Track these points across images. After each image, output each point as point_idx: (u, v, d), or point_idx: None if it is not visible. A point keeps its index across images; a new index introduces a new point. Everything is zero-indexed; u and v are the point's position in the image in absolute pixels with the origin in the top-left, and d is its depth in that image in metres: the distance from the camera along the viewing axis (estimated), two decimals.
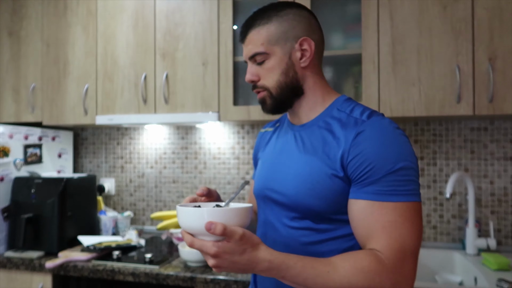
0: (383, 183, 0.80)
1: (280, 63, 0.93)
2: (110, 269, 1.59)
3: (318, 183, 0.86)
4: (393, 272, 0.76)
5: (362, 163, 0.81)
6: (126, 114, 1.93)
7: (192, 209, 0.79)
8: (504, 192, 1.80)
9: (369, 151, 0.81)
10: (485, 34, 1.53)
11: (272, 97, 0.95)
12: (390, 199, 0.79)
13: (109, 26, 1.98)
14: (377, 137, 0.82)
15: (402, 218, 0.78)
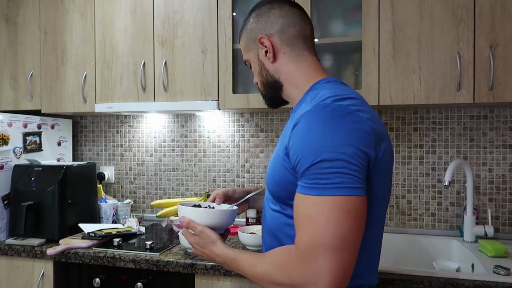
0: (308, 176, 0.78)
1: (255, 66, 1.02)
2: (110, 256, 1.60)
3: (276, 171, 0.90)
4: (301, 267, 0.76)
5: (293, 155, 0.82)
6: (125, 102, 1.93)
7: (180, 207, 1.03)
8: (503, 179, 1.81)
9: (297, 143, 0.81)
10: (486, 21, 1.52)
11: (263, 95, 1.06)
12: (311, 192, 0.77)
13: (107, 13, 1.96)
14: (306, 129, 0.80)
15: (318, 214, 0.75)
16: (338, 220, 0.74)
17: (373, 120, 0.83)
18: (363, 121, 0.79)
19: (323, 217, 0.74)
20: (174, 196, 2.25)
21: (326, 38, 1.73)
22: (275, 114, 2.08)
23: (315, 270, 0.74)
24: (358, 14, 1.68)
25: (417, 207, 1.90)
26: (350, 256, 0.75)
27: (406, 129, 1.91)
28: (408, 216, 1.91)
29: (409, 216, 1.91)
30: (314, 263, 0.74)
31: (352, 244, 0.75)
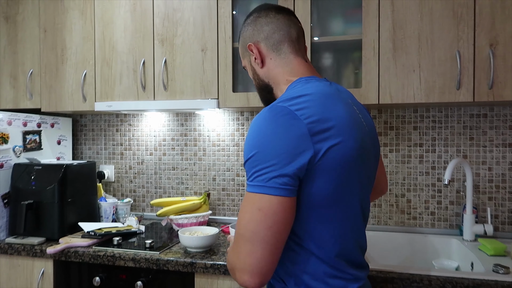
0: (247, 174, 0.85)
1: (250, 71, 1.10)
2: (110, 254, 1.60)
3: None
4: (231, 252, 0.88)
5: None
6: (125, 101, 1.93)
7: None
8: (502, 178, 1.81)
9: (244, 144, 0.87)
10: (486, 19, 1.51)
11: (260, 97, 1.12)
12: (248, 189, 0.84)
13: (107, 11, 1.96)
14: (249, 128, 0.87)
15: (242, 207, 0.85)
16: (251, 215, 0.82)
17: (321, 118, 0.83)
18: (299, 122, 0.81)
19: (243, 211, 0.84)
20: (174, 195, 2.25)
21: (326, 37, 1.73)
22: None
23: (235, 255, 0.85)
24: (358, 13, 1.68)
25: (416, 206, 1.90)
26: (262, 249, 0.81)
27: (406, 128, 1.91)
28: (407, 215, 1.91)
29: (408, 215, 1.91)
30: (235, 249, 0.85)
31: (262, 239, 0.81)
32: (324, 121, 0.83)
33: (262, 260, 0.81)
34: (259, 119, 0.84)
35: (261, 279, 0.82)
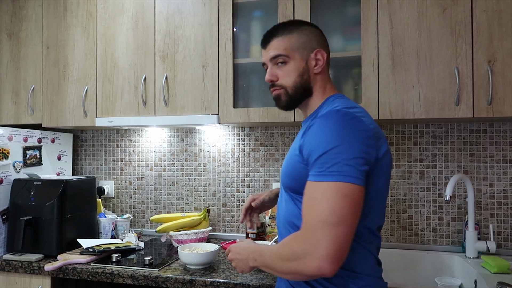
0: (317, 165, 0.92)
1: (298, 67, 1.12)
2: (109, 272, 1.58)
3: (291, 166, 1.05)
4: (303, 241, 0.88)
5: (306, 149, 0.97)
6: (126, 116, 1.93)
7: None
8: (504, 194, 1.80)
9: (311, 139, 0.97)
10: (484, 36, 1.53)
11: (288, 95, 1.13)
12: (319, 179, 0.91)
13: (109, 28, 1.98)
14: (318, 128, 0.96)
15: (320, 196, 0.89)
16: (336, 201, 0.87)
17: (375, 126, 1.00)
18: (366, 126, 0.96)
19: (324, 198, 0.88)
20: (174, 211, 2.23)
21: None
22: (275, 128, 2.08)
23: (314, 243, 0.86)
24: (357, 30, 1.70)
25: (418, 222, 1.89)
26: (345, 234, 0.86)
27: (406, 143, 1.91)
28: (409, 232, 1.90)
29: (410, 232, 1.90)
30: (313, 237, 0.86)
31: (347, 224, 0.86)
32: (377, 131, 1.00)
33: (345, 246, 0.86)
34: (333, 119, 0.95)
35: (338, 265, 0.86)
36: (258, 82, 1.90)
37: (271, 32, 1.17)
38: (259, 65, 1.87)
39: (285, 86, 1.13)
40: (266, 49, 1.16)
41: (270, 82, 1.16)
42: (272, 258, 0.97)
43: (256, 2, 1.85)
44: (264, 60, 1.17)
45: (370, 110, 1.62)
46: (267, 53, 1.15)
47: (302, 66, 1.12)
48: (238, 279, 1.47)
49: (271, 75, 1.14)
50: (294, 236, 0.93)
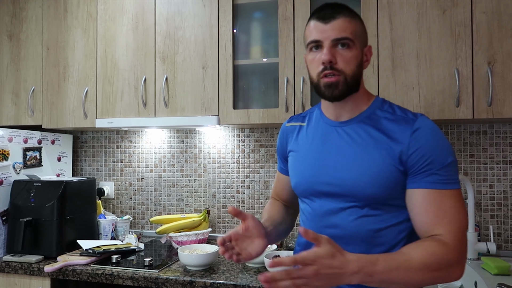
0: (441, 174, 0.93)
1: (358, 56, 1.02)
2: (109, 273, 1.58)
3: (378, 174, 0.97)
4: (456, 250, 0.89)
5: (422, 156, 0.94)
6: (126, 118, 1.93)
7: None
8: (504, 196, 1.80)
9: (427, 146, 0.94)
10: (484, 38, 1.53)
11: (346, 83, 1.00)
12: (447, 187, 0.93)
13: (109, 29, 1.99)
14: (432, 134, 0.96)
15: (458, 203, 0.93)
16: (464, 208, 0.94)
17: None
18: None
19: (461, 205, 0.93)
20: (174, 212, 2.23)
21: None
22: (275, 129, 2.08)
23: (463, 250, 0.91)
24: None
25: None
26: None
27: None
28: None
29: None
30: (461, 246, 0.90)
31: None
32: None
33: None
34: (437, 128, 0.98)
35: None
36: (258, 83, 1.90)
37: (336, 8, 1.01)
38: (259, 66, 1.87)
39: (346, 73, 0.99)
40: (328, 24, 0.99)
41: (329, 64, 0.98)
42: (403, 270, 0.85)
43: (256, 3, 1.85)
44: (322, 38, 0.99)
45: None
46: (329, 31, 0.99)
47: (360, 56, 1.02)
48: (238, 280, 1.47)
49: (332, 55, 0.98)
50: (442, 247, 0.88)
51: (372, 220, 0.99)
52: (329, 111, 1.09)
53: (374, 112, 1.04)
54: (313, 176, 1.06)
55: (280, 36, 1.74)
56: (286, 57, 1.73)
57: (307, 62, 1.06)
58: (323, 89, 1.01)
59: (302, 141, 1.13)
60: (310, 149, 1.09)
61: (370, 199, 0.98)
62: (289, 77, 1.72)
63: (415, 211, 0.95)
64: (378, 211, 0.98)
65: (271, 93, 1.85)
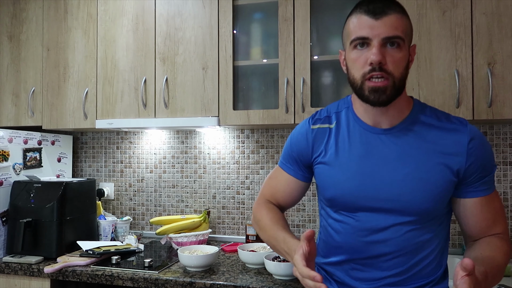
0: (489, 180, 0.99)
1: (407, 56, 0.94)
2: (109, 274, 1.58)
3: (436, 188, 0.95)
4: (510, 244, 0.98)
5: (479, 167, 0.96)
6: (126, 118, 1.93)
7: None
8: (504, 197, 1.80)
9: (483, 156, 0.97)
10: (484, 39, 1.53)
11: (395, 87, 0.92)
12: (494, 190, 1.00)
13: (109, 30, 1.99)
14: (485, 144, 0.99)
15: (500, 200, 1.01)
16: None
17: None
18: None
19: (501, 201, 1.02)
20: (174, 213, 2.23)
21: (326, 55, 1.75)
22: (275, 130, 2.08)
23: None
24: None
25: None
26: None
27: None
28: None
29: None
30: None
31: None
32: None
33: None
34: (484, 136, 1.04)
35: None
36: (258, 84, 1.90)
37: (387, 2, 0.92)
38: (259, 67, 1.87)
39: (395, 76, 0.90)
40: (379, 20, 0.89)
41: (378, 65, 0.89)
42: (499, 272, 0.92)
43: (256, 4, 1.85)
44: (371, 35, 0.89)
45: None
46: (381, 28, 0.89)
47: (407, 57, 0.94)
48: (238, 281, 1.47)
49: (382, 55, 0.89)
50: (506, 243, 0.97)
51: (420, 233, 0.98)
52: (367, 116, 0.99)
53: (417, 117, 0.98)
54: (358, 189, 0.98)
55: (280, 37, 1.74)
56: (286, 58, 1.73)
57: (347, 60, 0.96)
58: (368, 93, 0.91)
59: (337, 149, 1.02)
60: (349, 158, 0.99)
61: (425, 214, 0.96)
62: (289, 78, 1.72)
63: (473, 219, 1.00)
64: (426, 223, 0.98)
65: (271, 94, 1.86)
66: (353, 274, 1.02)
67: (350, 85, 0.97)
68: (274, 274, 1.51)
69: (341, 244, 1.03)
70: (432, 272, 1.02)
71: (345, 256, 1.02)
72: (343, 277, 1.04)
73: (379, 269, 0.99)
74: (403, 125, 0.98)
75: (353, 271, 1.02)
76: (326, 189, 1.04)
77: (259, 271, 1.61)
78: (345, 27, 0.97)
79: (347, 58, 0.97)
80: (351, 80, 0.96)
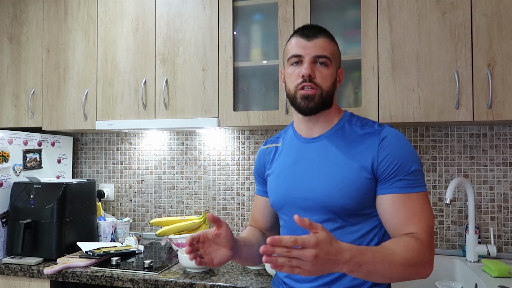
0: (407, 179, 0.99)
1: (333, 74, 1.10)
2: (108, 275, 1.58)
3: (349, 185, 1.02)
4: (429, 247, 0.95)
5: (391, 163, 1.00)
6: (126, 120, 1.93)
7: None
8: (504, 198, 1.79)
9: (394, 153, 1.01)
10: (483, 40, 1.53)
11: (322, 97, 1.07)
12: (414, 190, 0.99)
13: (109, 31, 1.99)
14: (399, 142, 1.02)
15: (425, 204, 0.99)
16: (431, 208, 1.01)
17: None
18: None
19: (428, 206, 0.99)
20: (174, 214, 2.23)
21: None
22: (275, 131, 2.08)
23: (433, 247, 0.97)
24: (357, 33, 1.70)
25: None
26: None
27: None
28: None
29: None
30: (432, 241, 0.97)
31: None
32: None
33: None
34: (402, 135, 1.05)
35: None
36: (258, 85, 1.90)
37: (318, 28, 1.11)
38: (259, 69, 1.87)
39: (323, 89, 1.07)
40: (310, 42, 1.07)
41: (308, 78, 1.05)
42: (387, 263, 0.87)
43: (256, 6, 1.85)
44: (303, 53, 1.07)
45: (370, 114, 1.62)
46: (311, 48, 1.07)
47: (335, 75, 1.11)
48: (238, 282, 1.47)
49: (312, 70, 1.06)
50: (419, 241, 0.94)
51: (346, 232, 1.04)
52: (301, 128, 1.15)
53: (343, 126, 1.11)
54: (288, 192, 1.11)
55: (280, 38, 1.74)
56: None
57: (285, 75, 1.13)
58: (299, 100, 1.07)
59: (278, 161, 1.18)
60: (284, 167, 1.14)
61: (342, 211, 1.03)
62: None
63: (386, 216, 1.01)
64: (350, 222, 1.04)
65: (271, 95, 1.86)
66: (294, 276, 1.10)
67: (286, 96, 1.15)
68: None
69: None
70: None
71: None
72: (289, 281, 1.12)
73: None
74: (329, 133, 1.11)
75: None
76: (269, 197, 1.19)
77: (259, 272, 1.60)
78: (285, 48, 1.14)
79: (285, 74, 1.13)
80: (287, 91, 1.12)
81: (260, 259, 1.19)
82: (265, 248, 0.75)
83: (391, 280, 0.92)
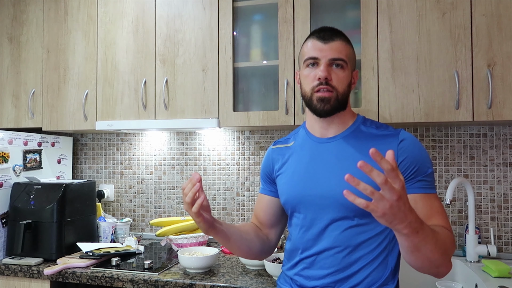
0: (426, 180, 1.03)
1: (349, 77, 1.13)
2: (108, 276, 1.58)
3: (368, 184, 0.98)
4: (454, 240, 0.98)
5: (410, 164, 1.03)
6: (126, 120, 1.93)
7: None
8: (504, 198, 1.79)
9: (414, 155, 1.04)
10: (483, 40, 1.53)
11: (338, 100, 1.10)
12: (433, 191, 1.04)
13: (109, 32, 1.99)
14: (416, 145, 1.06)
15: (441, 205, 1.05)
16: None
17: None
18: None
19: (443, 207, 1.05)
20: (174, 214, 2.23)
21: None
22: (275, 132, 2.08)
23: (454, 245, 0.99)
24: (356, 33, 1.70)
25: None
26: None
27: None
28: None
29: None
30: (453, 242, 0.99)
31: None
32: None
33: None
34: (417, 139, 1.09)
35: None
36: (258, 85, 1.90)
37: (334, 31, 1.14)
38: (259, 69, 1.87)
39: (338, 90, 1.09)
40: (327, 44, 1.09)
41: (324, 80, 1.08)
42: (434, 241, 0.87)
43: (256, 6, 1.85)
44: (320, 56, 1.09)
45: (370, 114, 1.62)
46: (327, 51, 1.09)
47: (350, 78, 1.13)
48: (238, 283, 1.47)
49: (328, 72, 1.08)
50: (449, 232, 0.98)
51: (359, 231, 1.06)
52: (315, 129, 1.17)
53: (358, 127, 1.14)
54: (302, 190, 1.12)
55: (280, 38, 1.74)
56: (286, 59, 1.73)
57: (301, 77, 1.14)
58: (316, 102, 1.09)
59: (291, 161, 1.19)
60: (298, 167, 1.15)
61: (359, 209, 1.03)
62: (289, 79, 1.72)
63: None
64: (365, 222, 1.06)
65: (271, 95, 1.86)
66: (303, 273, 1.11)
67: (302, 98, 1.18)
68: (274, 275, 1.51)
69: (295, 245, 1.14)
70: (375, 273, 1.05)
71: (298, 257, 1.13)
72: (299, 279, 1.12)
73: (321, 268, 1.08)
74: (345, 133, 1.13)
75: (304, 270, 1.11)
76: (281, 196, 1.19)
77: (259, 272, 1.60)
78: (301, 50, 1.16)
79: (300, 76, 1.15)
80: (303, 93, 1.13)
81: (250, 251, 1.21)
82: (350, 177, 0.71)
83: (425, 263, 0.89)
